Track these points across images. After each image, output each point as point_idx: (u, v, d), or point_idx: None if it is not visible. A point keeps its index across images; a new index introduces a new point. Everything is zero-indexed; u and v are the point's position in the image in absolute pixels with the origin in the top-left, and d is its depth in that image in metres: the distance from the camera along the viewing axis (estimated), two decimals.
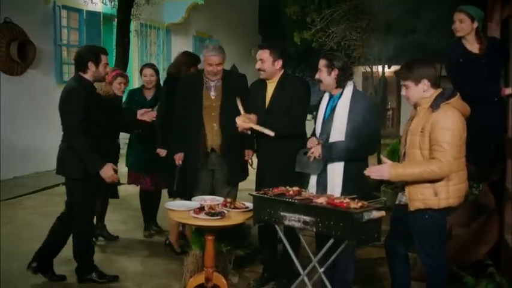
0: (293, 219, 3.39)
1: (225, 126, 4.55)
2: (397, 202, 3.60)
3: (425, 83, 3.34)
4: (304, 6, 12.08)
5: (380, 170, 3.34)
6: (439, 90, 3.36)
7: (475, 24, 4.18)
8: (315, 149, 3.80)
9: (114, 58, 9.53)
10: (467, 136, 3.35)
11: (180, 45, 14.47)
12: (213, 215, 3.81)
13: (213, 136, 4.63)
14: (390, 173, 3.27)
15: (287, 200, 3.46)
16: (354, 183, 3.73)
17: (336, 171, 3.81)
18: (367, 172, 3.38)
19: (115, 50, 9.74)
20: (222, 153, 4.63)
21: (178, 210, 4.00)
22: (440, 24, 7.85)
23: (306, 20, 11.91)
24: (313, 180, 3.95)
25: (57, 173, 4.48)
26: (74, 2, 10.87)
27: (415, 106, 3.43)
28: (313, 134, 3.99)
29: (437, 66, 3.80)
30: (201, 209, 3.91)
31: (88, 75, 4.43)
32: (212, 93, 4.65)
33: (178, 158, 4.80)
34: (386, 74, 13.64)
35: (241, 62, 14.01)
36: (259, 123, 4.15)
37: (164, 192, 5.64)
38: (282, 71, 4.35)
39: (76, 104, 4.26)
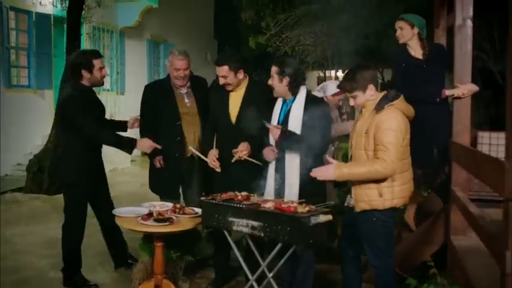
0: (241, 225, 3.37)
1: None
2: (345, 204, 3.63)
3: (371, 88, 3.39)
4: (259, 11, 12.13)
5: (324, 170, 3.36)
6: (384, 93, 3.41)
7: (415, 31, 4.36)
8: (274, 132, 3.78)
9: (65, 62, 9.31)
10: (413, 138, 3.42)
11: (134, 49, 14.31)
12: (161, 221, 3.75)
13: (195, 144, 4.56)
14: (335, 173, 3.29)
15: (235, 205, 3.43)
16: (311, 186, 3.72)
17: (293, 177, 3.81)
18: (312, 174, 3.38)
19: (65, 53, 9.51)
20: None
21: (126, 216, 3.91)
22: (390, 30, 8.05)
23: (261, 25, 11.97)
24: (270, 184, 3.93)
25: (54, 179, 4.56)
26: (22, 4, 10.57)
27: (361, 109, 3.47)
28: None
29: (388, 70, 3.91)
30: (150, 215, 3.84)
31: (84, 81, 4.43)
32: (186, 100, 4.61)
33: (159, 160, 4.67)
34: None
35: (197, 66, 13.89)
36: (226, 133, 4.15)
37: None
38: (247, 78, 4.30)
39: (79, 106, 4.30)
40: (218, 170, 4.16)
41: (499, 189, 2.59)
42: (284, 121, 3.88)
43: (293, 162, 3.84)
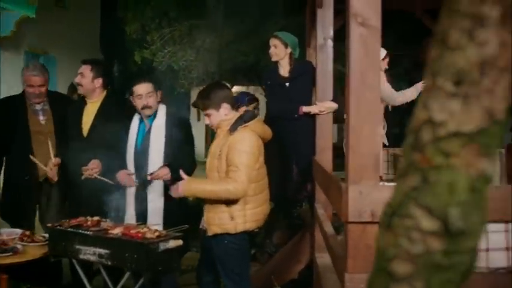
0: (88, 253, 3.15)
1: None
2: (200, 227, 3.52)
3: (225, 107, 3.31)
4: (144, 25, 11.89)
5: (176, 187, 3.25)
6: (240, 113, 3.36)
7: (289, 50, 4.39)
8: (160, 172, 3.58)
9: None
10: (275, 155, 3.40)
11: (11, 61, 13.41)
12: (4, 251, 3.42)
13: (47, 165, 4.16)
14: (183, 188, 3.19)
15: (81, 231, 3.20)
16: (176, 207, 3.59)
17: (156, 200, 3.65)
18: (171, 192, 3.27)
19: None
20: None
21: None
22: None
23: (147, 39, 11.73)
24: (130, 207, 3.73)
25: None
26: None
27: (216, 129, 3.39)
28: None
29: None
30: None
31: None
32: (41, 118, 4.25)
33: None
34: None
35: None
36: (77, 148, 3.86)
37: None
38: (105, 92, 4.10)
39: None
40: (55, 179, 4.01)
41: (339, 210, 2.58)
42: (143, 141, 3.72)
43: (156, 184, 3.68)
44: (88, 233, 3.18)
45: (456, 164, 0.75)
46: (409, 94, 4.80)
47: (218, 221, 3.23)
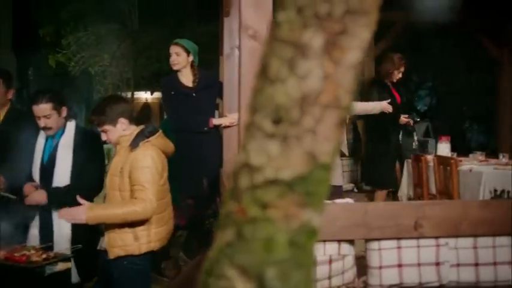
0: None
1: None
2: (98, 247, 3.30)
3: (123, 122, 3.11)
4: (59, 28, 11.44)
5: (73, 212, 2.99)
6: (140, 128, 3.17)
7: (191, 58, 4.22)
8: (35, 195, 3.31)
9: None
10: (183, 168, 3.25)
11: None
12: None
13: None
14: (86, 215, 2.95)
15: None
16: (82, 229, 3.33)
17: (62, 221, 3.38)
18: (60, 216, 3.01)
19: None
20: None
21: None
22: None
23: (62, 42, 11.29)
24: (34, 229, 3.44)
25: None
26: None
27: (115, 145, 3.19)
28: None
29: None
30: None
31: None
32: None
33: None
34: (150, 101, 13.55)
35: None
36: None
37: None
38: (10, 104, 3.81)
39: None
40: None
41: None
42: (50, 158, 3.45)
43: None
44: None
45: (274, 217, 0.64)
46: (370, 107, 4.75)
47: (121, 243, 3.01)
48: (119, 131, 3.10)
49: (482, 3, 5.10)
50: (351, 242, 2.29)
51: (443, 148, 4.67)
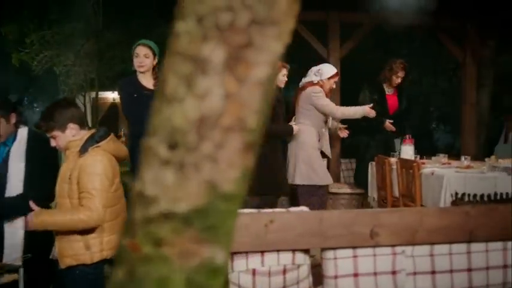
0: None
1: None
2: (51, 257, 3.17)
3: (72, 127, 2.99)
4: (22, 26, 11.16)
5: (24, 220, 2.89)
6: (91, 132, 3.05)
7: (155, 60, 4.08)
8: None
9: None
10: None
11: None
12: None
13: None
14: (33, 222, 2.83)
15: None
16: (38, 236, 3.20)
17: (15, 236, 3.25)
18: (11, 226, 2.89)
19: None
20: None
21: None
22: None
23: (25, 41, 11.01)
24: None
25: None
26: None
27: (65, 150, 3.06)
28: None
29: None
30: None
31: None
32: None
33: None
34: (117, 101, 13.35)
35: None
36: None
37: None
38: None
39: None
40: None
41: None
42: (2, 165, 3.31)
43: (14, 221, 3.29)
44: None
45: (169, 254, 0.57)
46: (351, 112, 4.68)
47: (72, 252, 2.90)
48: (68, 137, 2.98)
49: (444, 5, 5.10)
50: (305, 251, 2.23)
51: (407, 151, 4.66)
